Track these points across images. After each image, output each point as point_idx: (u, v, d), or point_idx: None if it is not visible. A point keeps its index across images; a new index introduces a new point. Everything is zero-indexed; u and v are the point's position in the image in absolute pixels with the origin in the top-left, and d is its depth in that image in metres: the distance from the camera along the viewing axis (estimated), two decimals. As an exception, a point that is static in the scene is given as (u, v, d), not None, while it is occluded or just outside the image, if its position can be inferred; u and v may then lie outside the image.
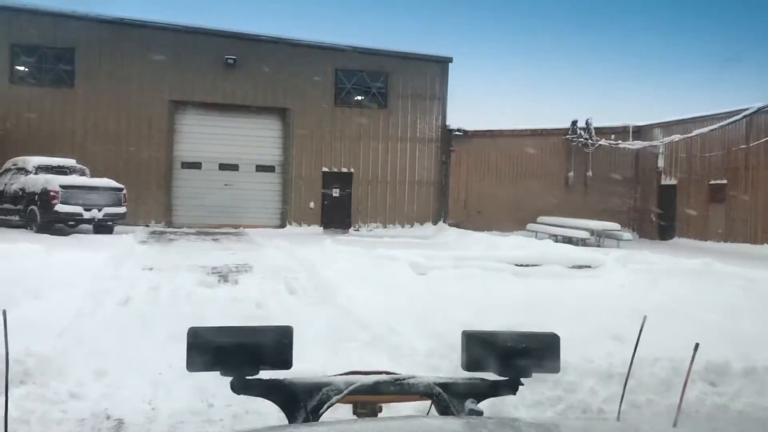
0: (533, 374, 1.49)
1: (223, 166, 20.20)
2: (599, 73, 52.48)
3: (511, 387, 1.51)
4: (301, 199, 20.44)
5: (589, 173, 22.03)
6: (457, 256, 11.18)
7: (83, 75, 18.82)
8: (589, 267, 11.25)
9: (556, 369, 1.50)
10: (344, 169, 20.78)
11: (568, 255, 11.78)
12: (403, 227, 21.08)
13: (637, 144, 20.72)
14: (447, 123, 21.25)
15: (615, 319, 6.50)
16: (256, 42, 20.06)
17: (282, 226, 20.36)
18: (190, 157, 19.97)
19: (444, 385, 1.49)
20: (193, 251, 13.01)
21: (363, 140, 20.76)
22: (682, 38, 55.34)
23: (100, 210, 15.13)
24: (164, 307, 7.60)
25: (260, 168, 20.48)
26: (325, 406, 1.44)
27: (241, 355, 1.40)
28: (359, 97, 20.98)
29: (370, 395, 1.55)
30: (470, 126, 21.34)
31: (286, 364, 1.44)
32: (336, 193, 20.81)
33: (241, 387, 1.44)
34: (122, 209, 15.64)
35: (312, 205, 20.51)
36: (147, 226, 19.23)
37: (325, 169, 20.61)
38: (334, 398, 1.44)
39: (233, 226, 19.88)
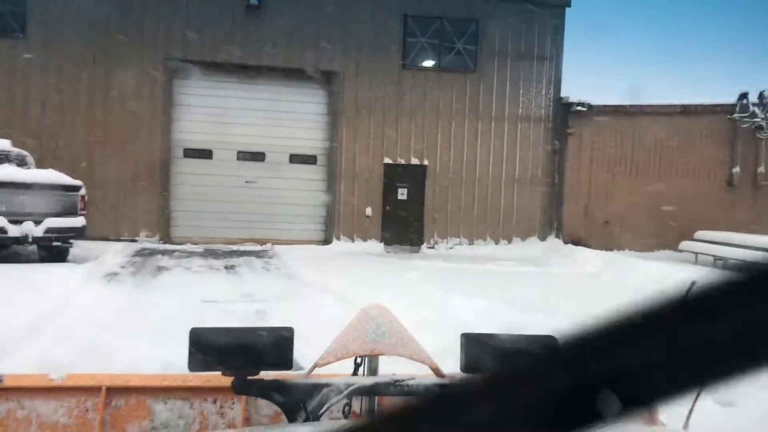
0: None
1: (243, 156, 14.12)
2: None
3: None
4: (354, 202, 14.27)
5: (761, 169, 15.49)
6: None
7: (39, 20, 12.87)
8: None
9: None
10: (415, 161, 14.54)
11: None
12: (497, 244, 14.78)
13: None
14: (562, 95, 14.89)
15: None
16: (290, -23, 13.89)
17: (326, 241, 14.22)
18: (196, 141, 13.92)
19: (443, 387, 1.39)
20: (185, 305, 6.90)
21: (442, 119, 14.50)
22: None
23: (39, 222, 9.17)
24: None
25: (296, 158, 14.33)
26: (325, 407, 1.43)
27: (242, 355, 1.40)
28: (436, 58, 14.65)
29: (370, 396, 1.61)
30: (592, 99, 14.94)
31: (287, 364, 1.45)
32: (402, 194, 14.59)
33: (242, 387, 1.44)
34: (78, 220, 9.67)
35: (369, 211, 14.32)
36: (134, 240, 13.27)
37: (387, 160, 14.40)
38: (334, 399, 1.44)
39: (257, 241, 13.86)
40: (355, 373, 1.65)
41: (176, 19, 13.35)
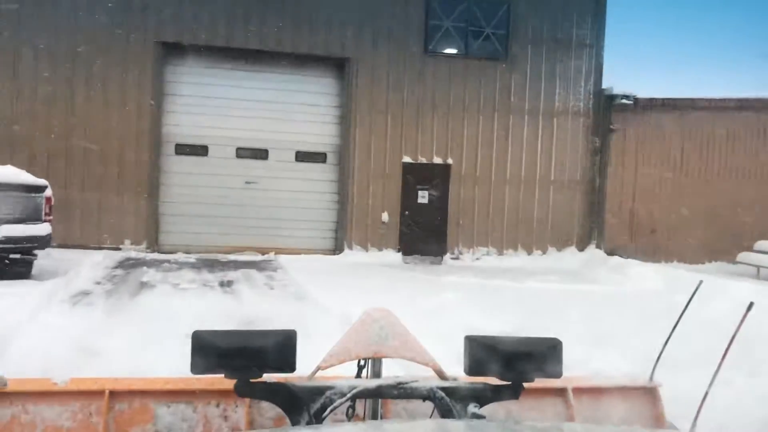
0: (535, 379, 1.46)
1: (243, 153, 12.46)
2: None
3: (513, 391, 1.48)
4: (368, 207, 12.59)
5: (826, 170, 13.82)
6: None
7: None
8: None
9: (558, 374, 1.46)
10: (437, 160, 12.86)
11: None
12: (529, 254, 13.08)
13: None
14: (604, 86, 13.20)
15: None
16: (298, -49, 12.23)
17: (336, 250, 12.55)
18: (190, 136, 12.27)
19: (446, 390, 1.47)
20: (165, 344, 5.07)
21: (468, 112, 12.83)
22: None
23: (-8, 231, 7.49)
24: None
25: (303, 156, 12.66)
26: (328, 410, 1.41)
27: (245, 358, 1.38)
28: (462, 44, 12.97)
29: (373, 399, 1.59)
30: (638, 91, 13.24)
31: (290, 367, 1.42)
32: (423, 197, 12.92)
33: (245, 390, 1.43)
34: (42, 227, 8.02)
35: (385, 216, 12.65)
36: (118, 249, 11.63)
37: (406, 159, 12.73)
38: (338, 401, 1.42)
39: (259, 249, 12.23)
40: (358, 376, 1.62)
41: (168, -4, 11.71)
